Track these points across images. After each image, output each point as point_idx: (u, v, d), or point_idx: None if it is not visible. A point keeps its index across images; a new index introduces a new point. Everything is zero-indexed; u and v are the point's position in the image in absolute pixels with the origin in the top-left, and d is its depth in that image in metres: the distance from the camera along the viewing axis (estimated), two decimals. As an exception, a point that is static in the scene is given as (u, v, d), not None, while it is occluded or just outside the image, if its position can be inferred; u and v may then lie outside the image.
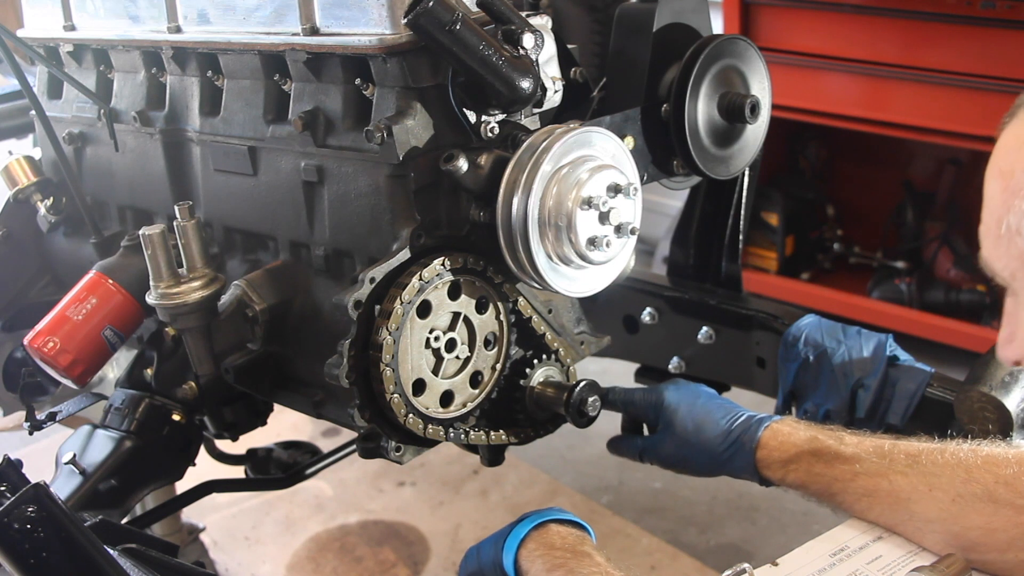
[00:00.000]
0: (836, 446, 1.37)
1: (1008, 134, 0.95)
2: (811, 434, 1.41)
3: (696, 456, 1.51)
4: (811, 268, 4.05)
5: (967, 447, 1.28)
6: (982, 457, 1.25)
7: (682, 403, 1.54)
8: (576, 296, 1.56)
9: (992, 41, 3.11)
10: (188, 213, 1.55)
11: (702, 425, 1.50)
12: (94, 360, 1.70)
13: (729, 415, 1.49)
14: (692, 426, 1.51)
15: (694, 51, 1.69)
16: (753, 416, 1.48)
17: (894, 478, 1.30)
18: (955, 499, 1.25)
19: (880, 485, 1.32)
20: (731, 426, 1.48)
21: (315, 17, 1.48)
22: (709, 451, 1.49)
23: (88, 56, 1.96)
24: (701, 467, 1.52)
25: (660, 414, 1.56)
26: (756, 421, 1.47)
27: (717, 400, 1.55)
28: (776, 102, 1.85)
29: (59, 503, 1.14)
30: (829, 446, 1.38)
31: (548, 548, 1.31)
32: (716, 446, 1.48)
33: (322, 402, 1.54)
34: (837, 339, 1.69)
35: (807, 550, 1.33)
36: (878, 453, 1.33)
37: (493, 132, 1.44)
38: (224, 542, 3.05)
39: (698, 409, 1.52)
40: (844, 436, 1.39)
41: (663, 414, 1.55)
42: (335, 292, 1.46)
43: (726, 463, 1.48)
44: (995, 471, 1.22)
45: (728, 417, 1.49)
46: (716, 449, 1.48)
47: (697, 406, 1.53)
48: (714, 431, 1.48)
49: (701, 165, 1.73)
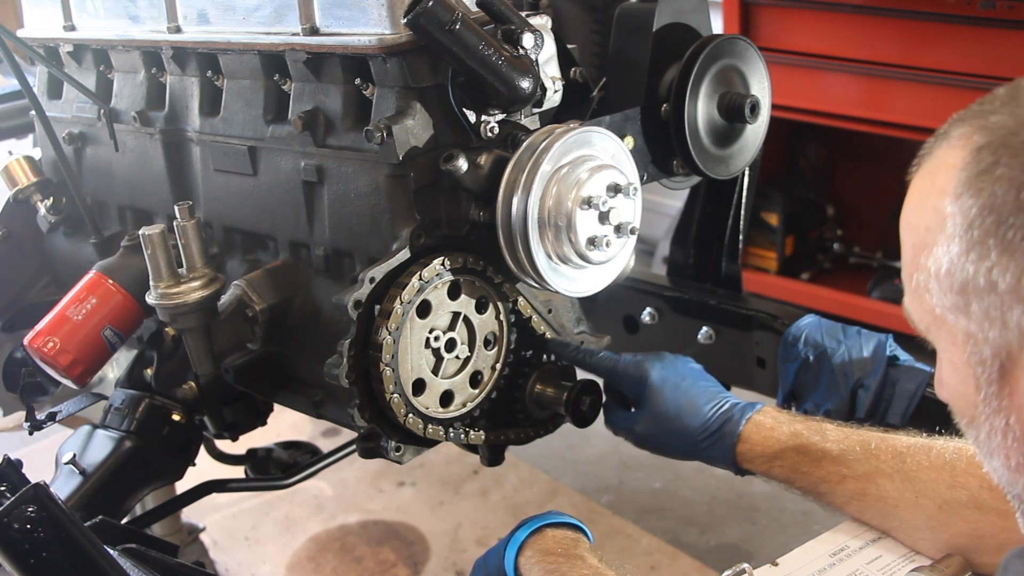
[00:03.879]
0: (821, 443, 1.36)
1: (915, 185, 0.92)
2: (794, 428, 1.39)
3: (673, 441, 1.48)
4: (811, 268, 4.05)
5: (952, 447, 1.27)
6: (967, 459, 1.24)
7: (666, 384, 1.49)
8: (576, 296, 1.56)
9: (992, 41, 3.11)
10: (188, 213, 1.55)
11: (683, 410, 1.46)
12: (94, 360, 1.70)
13: (712, 402, 1.46)
14: (673, 410, 1.47)
15: (694, 51, 1.69)
16: (736, 404, 1.45)
17: (881, 482, 1.30)
18: (941, 506, 1.24)
19: (868, 490, 1.31)
20: (713, 415, 1.44)
21: (315, 17, 1.48)
22: (687, 437, 1.46)
23: (88, 56, 1.96)
24: (677, 452, 1.49)
25: (642, 392, 1.50)
26: (739, 411, 1.44)
27: (702, 383, 1.50)
28: (776, 102, 1.85)
29: (59, 503, 1.14)
30: (814, 443, 1.36)
31: (544, 554, 1.31)
32: (695, 434, 1.45)
33: (322, 402, 1.54)
34: (837, 339, 1.69)
35: (807, 550, 1.33)
36: (864, 452, 1.32)
37: (493, 132, 1.44)
38: (224, 542, 3.05)
39: (681, 393, 1.48)
40: (828, 431, 1.37)
41: (645, 392, 1.50)
42: (335, 292, 1.46)
43: (704, 451, 1.45)
44: (980, 475, 1.21)
45: (710, 404, 1.45)
46: (695, 436, 1.45)
47: (681, 389, 1.48)
48: (695, 419, 1.45)
49: (701, 165, 1.73)
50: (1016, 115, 0.83)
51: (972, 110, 0.89)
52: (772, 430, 1.40)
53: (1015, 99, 0.85)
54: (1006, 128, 0.83)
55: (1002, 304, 0.82)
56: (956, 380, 0.91)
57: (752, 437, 1.41)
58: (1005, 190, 0.81)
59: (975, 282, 0.83)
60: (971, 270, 0.83)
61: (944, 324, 0.89)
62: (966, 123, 0.87)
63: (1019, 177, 0.80)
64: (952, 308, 0.87)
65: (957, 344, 0.89)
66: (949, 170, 0.86)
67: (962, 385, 0.90)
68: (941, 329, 0.90)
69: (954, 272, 0.85)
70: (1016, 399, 0.86)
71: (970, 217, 0.83)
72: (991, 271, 0.82)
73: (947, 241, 0.85)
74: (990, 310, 0.83)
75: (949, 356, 0.91)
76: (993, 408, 0.88)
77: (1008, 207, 0.80)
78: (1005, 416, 0.87)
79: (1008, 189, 0.81)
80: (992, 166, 0.82)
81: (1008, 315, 0.82)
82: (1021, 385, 0.85)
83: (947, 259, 0.85)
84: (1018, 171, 0.80)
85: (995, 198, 0.81)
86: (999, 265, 0.81)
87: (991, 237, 0.81)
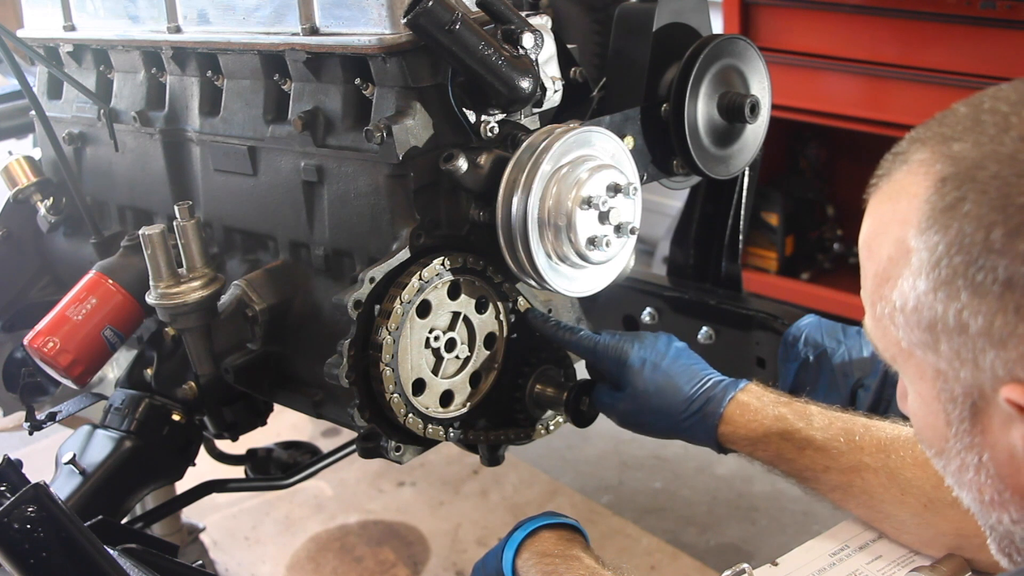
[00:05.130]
0: (806, 430, 1.33)
1: (876, 208, 0.89)
2: (779, 412, 1.36)
3: (654, 421, 1.45)
4: (811, 268, 4.05)
5: None
6: None
7: (646, 364, 1.45)
8: (576, 296, 1.56)
9: (992, 41, 3.11)
10: (188, 213, 1.55)
11: (664, 389, 1.43)
12: (94, 360, 1.70)
13: (694, 380, 1.43)
14: (654, 390, 1.43)
15: (694, 51, 1.69)
16: (719, 382, 1.42)
17: (867, 476, 1.28)
18: (927, 505, 1.24)
19: (853, 482, 1.30)
20: (695, 394, 1.41)
21: (315, 17, 1.48)
22: (669, 417, 1.43)
23: (88, 56, 1.96)
24: (658, 431, 1.47)
25: (622, 373, 1.46)
26: (721, 390, 1.41)
27: (683, 360, 1.46)
28: (776, 102, 1.85)
29: (59, 503, 1.14)
30: (799, 429, 1.34)
31: (541, 556, 1.32)
32: (677, 413, 1.42)
33: (322, 402, 1.54)
34: (837, 339, 1.69)
35: (807, 550, 1.33)
36: (848, 443, 1.30)
37: (493, 132, 1.44)
38: (224, 542, 3.05)
39: (660, 373, 1.44)
40: (813, 416, 1.35)
41: (625, 373, 1.46)
42: (335, 292, 1.46)
43: (686, 431, 1.43)
44: None
45: (691, 383, 1.42)
46: (677, 416, 1.42)
47: (660, 369, 1.44)
48: (676, 398, 1.42)
49: (701, 165, 1.73)
50: (980, 145, 0.81)
51: (932, 131, 0.86)
52: (756, 412, 1.37)
53: (978, 124, 0.82)
54: (969, 160, 0.80)
55: (974, 346, 0.80)
56: (924, 412, 0.90)
57: (735, 419, 1.38)
58: (973, 228, 0.78)
59: (944, 321, 0.81)
60: (939, 309, 0.81)
61: (912, 358, 0.87)
62: (927, 147, 0.85)
63: (988, 216, 0.78)
64: (920, 344, 0.85)
65: (926, 379, 0.87)
66: (911, 199, 0.84)
67: (931, 417, 0.89)
68: (908, 362, 0.89)
69: (921, 309, 0.83)
70: (989, 437, 0.84)
71: (937, 254, 0.81)
72: (961, 312, 0.80)
73: (913, 276, 0.83)
74: (961, 351, 0.81)
75: (917, 388, 0.90)
76: (965, 444, 0.87)
77: (977, 248, 0.78)
78: (978, 453, 0.86)
79: (976, 228, 0.78)
80: (958, 202, 0.80)
81: (980, 357, 0.80)
82: (994, 424, 0.83)
83: (913, 295, 0.83)
84: (986, 209, 0.78)
85: (963, 236, 0.79)
86: (969, 307, 0.79)
87: (960, 278, 0.79)
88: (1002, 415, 0.82)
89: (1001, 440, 0.83)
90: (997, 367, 0.80)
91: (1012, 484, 0.85)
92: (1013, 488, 0.85)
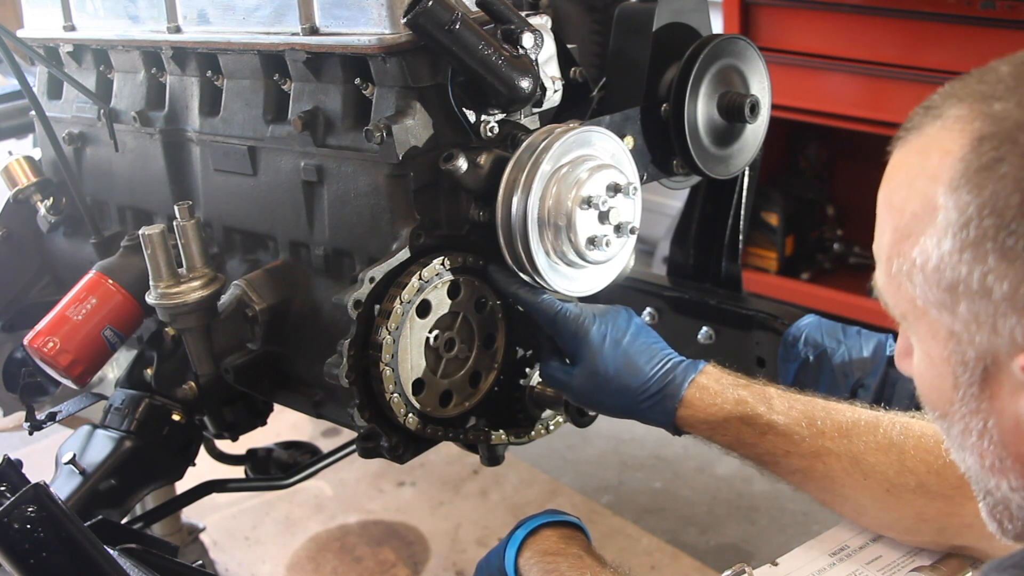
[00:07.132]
0: (767, 415, 1.31)
1: (901, 161, 0.87)
2: (739, 395, 1.34)
3: (612, 400, 1.42)
4: (811, 268, 4.05)
5: (899, 426, 1.24)
6: (915, 440, 1.22)
7: (606, 341, 1.40)
8: (576, 296, 1.56)
9: (992, 41, 3.11)
10: (188, 213, 1.55)
11: (622, 369, 1.39)
12: (94, 360, 1.70)
13: (653, 360, 1.39)
14: (612, 369, 1.39)
15: (694, 51, 1.69)
16: (679, 364, 1.39)
17: (829, 461, 1.27)
18: (889, 490, 1.23)
19: (815, 466, 1.28)
20: (654, 376, 1.38)
21: (314, 17, 1.48)
22: (626, 398, 1.40)
23: (88, 56, 1.96)
24: (614, 411, 1.44)
25: (579, 348, 1.42)
26: (681, 372, 1.38)
27: (642, 339, 1.42)
28: (776, 102, 1.85)
29: (59, 503, 1.14)
30: (760, 414, 1.31)
31: (543, 554, 1.32)
32: (635, 394, 1.39)
33: (322, 402, 1.54)
34: (837, 339, 1.69)
35: (807, 550, 1.33)
36: (810, 428, 1.28)
37: (492, 132, 1.44)
38: (224, 542, 3.05)
39: (620, 352, 1.40)
40: (773, 399, 1.33)
41: (583, 349, 1.41)
42: (335, 292, 1.46)
43: (643, 412, 1.40)
44: (928, 460, 1.20)
45: (651, 364, 1.39)
46: (635, 397, 1.39)
47: (620, 347, 1.40)
48: (635, 379, 1.38)
49: (701, 165, 1.73)
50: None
51: (970, 88, 0.84)
52: (716, 395, 1.35)
53: (1022, 84, 0.80)
54: (1011, 120, 0.78)
55: (995, 311, 0.79)
56: (931, 373, 0.88)
57: (695, 403, 1.36)
58: (1009, 192, 0.76)
59: (967, 284, 0.80)
60: (963, 271, 0.80)
61: (925, 316, 0.86)
62: (964, 104, 0.82)
63: None
64: (937, 304, 0.83)
65: (938, 339, 0.86)
66: (944, 155, 0.82)
67: (938, 379, 0.88)
68: (920, 321, 0.87)
69: (943, 269, 0.81)
70: (996, 403, 0.84)
71: (967, 215, 0.79)
72: (986, 276, 0.78)
73: (937, 234, 0.81)
74: (980, 314, 0.80)
75: (926, 348, 0.88)
76: (971, 409, 0.86)
77: (1012, 211, 0.76)
78: (983, 419, 0.85)
79: (1012, 191, 0.76)
80: (995, 162, 0.77)
81: (1000, 322, 0.79)
82: (1003, 391, 0.82)
83: (936, 254, 0.82)
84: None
85: (997, 199, 0.77)
86: (995, 271, 0.78)
87: (989, 241, 0.78)
88: (1013, 383, 0.81)
89: (1009, 407, 0.83)
90: (1017, 334, 0.78)
91: (1014, 452, 0.85)
92: (1015, 456, 0.85)
